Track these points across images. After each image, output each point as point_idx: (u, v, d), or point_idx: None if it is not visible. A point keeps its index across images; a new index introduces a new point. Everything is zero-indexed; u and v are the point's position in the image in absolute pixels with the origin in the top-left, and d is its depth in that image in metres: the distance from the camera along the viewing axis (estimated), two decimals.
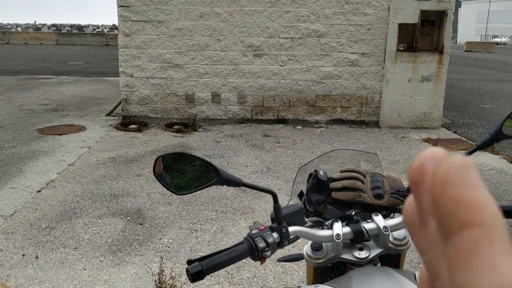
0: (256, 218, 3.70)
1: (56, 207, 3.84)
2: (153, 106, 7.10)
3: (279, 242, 1.03)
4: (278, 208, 1.05)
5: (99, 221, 3.58)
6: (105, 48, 26.30)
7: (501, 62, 23.47)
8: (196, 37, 6.87)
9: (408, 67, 6.90)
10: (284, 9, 6.84)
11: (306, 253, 1.15)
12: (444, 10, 6.77)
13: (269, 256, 1.00)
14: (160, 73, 6.97)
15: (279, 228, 1.03)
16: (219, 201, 4.01)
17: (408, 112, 7.07)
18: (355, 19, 6.91)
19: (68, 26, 57.47)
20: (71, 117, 7.34)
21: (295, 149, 5.78)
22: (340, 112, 7.25)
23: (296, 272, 2.88)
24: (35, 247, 3.14)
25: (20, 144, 5.69)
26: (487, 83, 13.60)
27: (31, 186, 4.30)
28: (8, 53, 20.90)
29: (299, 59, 7.02)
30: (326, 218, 1.18)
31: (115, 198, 4.06)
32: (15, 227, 3.44)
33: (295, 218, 1.09)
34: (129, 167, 4.90)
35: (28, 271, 2.85)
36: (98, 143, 5.87)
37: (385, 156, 5.53)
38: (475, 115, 8.55)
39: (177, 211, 3.78)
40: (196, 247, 3.20)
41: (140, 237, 3.34)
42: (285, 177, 4.71)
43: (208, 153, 5.52)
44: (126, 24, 6.78)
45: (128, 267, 2.91)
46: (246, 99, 7.14)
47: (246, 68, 7.02)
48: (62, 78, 12.39)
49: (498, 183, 4.67)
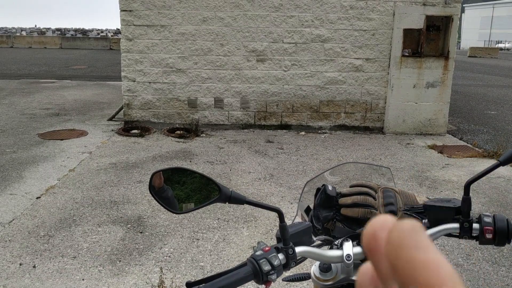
0: (259, 226, 3.62)
1: (56, 214, 3.77)
2: (155, 111, 7.05)
3: (285, 263, 0.95)
4: (284, 227, 0.97)
5: (99, 229, 3.51)
6: (109, 52, 26.35)
7: (506, 67, 23.37)
8: (199, 41, 6.82)
9: (413, 72, 6.82)
10: (288, 14, 6.79)
11: (314, 274, 1.08)
12: (449, 16, 6.70)
13: (274, 280, 0.92)
14: (163, 78, 6.92)
15: (285, 249, 0.96)
16: (221, 209, 3.93)
17: (413, 118, 6.98)
18: (359, 24, 6.85)
19: (72, 30, 57.76)
20: (73, 121, 7.29)
21: (299, 156, 5.70)
22: (344, 118, 7.18)
23: (301, 284, 2.79)
24: (33, 256, 3.07)
25: (20, 149, 5.64)
26: (492, 89, 13.50)
27: (30, 192, 4.24)
28: (12, 57, 20.94)
29: (302, 64, 6.96)
30: (335, 236, 1.10)
31: (116, 205, 3.99)
32: (13, 235, 3.37)
33: (302, 237, 1.02)
34: (130, 173, 4.84)
35: (25, 281, 2.77)
36: (100, 148, 5.81)
37: (390, 163, 5.44)
38: (481, 121, 8.46)
39: (178, 219, 3.70)
40: (197, 256, 3.12)
41: (140, 246, 3.26)
42: (288, 184, 4.64)
43: (210, 159, 5.45)
44: (128, 28, 6.74)
45: (127, 278, 2.84)
46: (249, 104, 7.07)
47: (249, 73, 6.96)
48: (65, 82, 12.37)
49: (505, 191, 4.57)
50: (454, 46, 6.82)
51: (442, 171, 5.20)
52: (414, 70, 6.82)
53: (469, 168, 5.30)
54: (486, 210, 4.03)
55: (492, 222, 0.99)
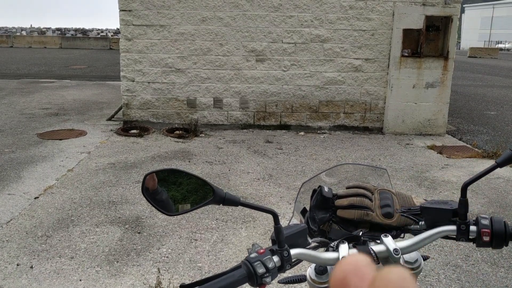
0: (258, 227, 3.61)
1: (53, 214, 3.76)
2: (154, 111, 7.03)
3: (280, 266, 0.94)
4: (279, 229, 0.96)
5: (97, 229, 3.50)
6: (109, 52, 26.33)
7: (506, 68, 23.35)
8: (198, 41, 6.81)
9: (413, 73, 6.81)
10: (287, 14, 6.77)
11: (310, 276, 1.07)
12: (449, 16, 6.68)
13: (269, 283, 0.91)
14: (162, 78, 6.91)
15: (280, 251, 0.95)
16: (219, 209, 3.92)
17: (412, 118, 6.97)
18: (359, 24, 6.84)
19: (72, 30, 57.73)
20: (72, 121, 7.28)
21: (298, 156, 5.69)
22: (343, 118, 7.17)
23: (299, 286, 2.78)
24: (30, 256, 3.06)
25: (19, 149, 5.63)
26: (491, 89, 13.49)
27: (28, 192, 4.23)
28: (12, 57, 20.93)
29: (302, 64, 6.95)
30: (331, 238, 1.09)
31: (114, 205, 3.98)
32: (10, 235, 3.36)
33: (297, 239, 1.01)
34: (129, 173, 4.82)
35: (22, 281, 2.76)
36: (98, 148, 5.79)
37: (389, 163, 5.43)
38: (480, 122, 8.45)
39: (177, 220, 3.69)
40: (195, 257, 3.11)
41: (138, 247, 3.25)
42: (287, 184, 4.62)
43: (209, 159, 5.44)
44: (128, 28, 6.72)
45: (125, 278, 2.83)
46: (248, 104, 7.06)
47: (249, 73, 6.95)
48: (65, 82, 12.36)
49: (505, 192, 4.56)
50: (454, 46, 6.81)
51: (441, 172, 5.19)
52: (413, 70, 6.81)
53: (468, 169, 5.29)
54: (486, 211, 4.02)
55: (490, 225, 0.98)
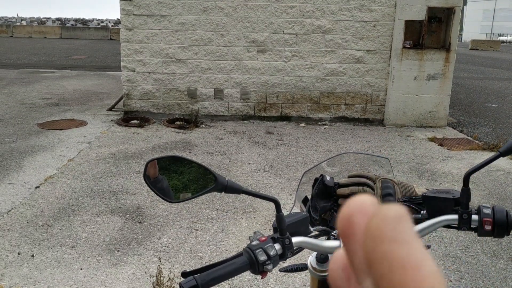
0: (258, 217, 3.62)
1: (54, 203, 3.76)
2: (155, 102, 7.02)
3: (282, 254, 0.94)
4: (280, 217, 0.96)
5: (98, 219, 3.51)
6: (109, 42, 26.23)
7: (507, 60, 23.26)
8: (199, 32, 6.78)
9: (414, 64, 6.78)
10: (289, 4, 6.73)
11: (311, 264, 1.07)
12: (452, 7, 6.64)
13: (270, 270, 0.91)
14: (162, 68, 6.89)
15: (281, 239, 0.95)
16: (220, 199, 3.93)
17: (413, 110, 6.96)
18: (360, 15, 6.80)
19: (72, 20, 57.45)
20: (72, 111, 7.27)
21: (298, 147, 5.69)
22: (344, 109, 7.15)
23: (298, 275, 2.80)
24: (31, 245, 3.07)
25: (20, 139, 5.62)
26: (493, 82, 13.45)
27: (29, 182, 4.23)
28: (12, 47, 20.85)
29: (303, 55, 6.92)
30: (332, 227, 1.09)
31: (115, 195, 3.98)
32: (11, 224, 3.37)
33: (299, 227, 1.01)
34: (129, 164, 4.83)
35: (23, 270, 2.77)
36: (99, 138, 5.79)
37: (389, 155, 5.43)
38: (481, 114, 8.43)
39: (177, 210, 3.70)
40: (196, 247, 3.12)
41: (139, 236, 3.26)
42: (287, 175, 4.63)
43: (210, 150, 5.44)
44: (128, 18, 6.69)
45: (125, 267, 2.84)
46: (249, 95, 7.05)
47: (250, 64, 6.92)
48: (65, 72, 12.32)
49: (505, 184, 4.57)
50: (456, 38, 6.78)
51: (442, 164, 5.19)
52: (415, 62, 6.78)
53: (469, 161, 5.28)
54: (486, 203, 4.01)
55: (491, 214, 0.98)
